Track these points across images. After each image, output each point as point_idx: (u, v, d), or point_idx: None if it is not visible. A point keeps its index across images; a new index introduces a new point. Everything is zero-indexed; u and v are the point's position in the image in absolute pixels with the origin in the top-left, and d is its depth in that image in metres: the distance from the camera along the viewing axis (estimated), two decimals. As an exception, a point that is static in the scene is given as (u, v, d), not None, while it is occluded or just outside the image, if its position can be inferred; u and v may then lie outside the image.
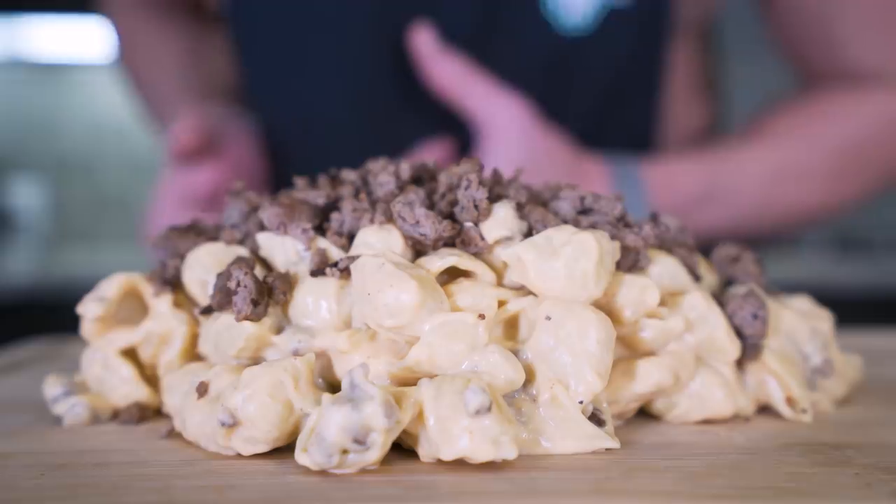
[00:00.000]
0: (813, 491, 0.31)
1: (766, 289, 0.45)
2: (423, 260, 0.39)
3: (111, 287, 0.43)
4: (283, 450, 0.35)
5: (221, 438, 0.35)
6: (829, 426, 0.40)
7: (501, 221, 0.39)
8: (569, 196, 0.42)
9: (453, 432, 0.32)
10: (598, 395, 0.36)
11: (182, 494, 0.31)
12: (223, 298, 0.39)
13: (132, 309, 0.44)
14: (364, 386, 0.32)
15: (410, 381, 0.36)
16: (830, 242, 2.27)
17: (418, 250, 0.40)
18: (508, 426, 0.33)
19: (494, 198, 0.41)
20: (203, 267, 0.42)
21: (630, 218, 0.42)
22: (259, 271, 0.40)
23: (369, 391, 0.32)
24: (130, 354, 0.43)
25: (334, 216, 0.41)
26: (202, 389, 0.37)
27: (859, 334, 0.62)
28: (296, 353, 0.38)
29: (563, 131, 0.74)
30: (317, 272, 0.39)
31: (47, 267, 2.18)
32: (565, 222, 0.41)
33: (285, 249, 0.41)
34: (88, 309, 0.43)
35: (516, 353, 0.37)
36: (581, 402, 0.36)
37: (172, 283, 0.44)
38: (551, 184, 0.45)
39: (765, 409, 0.42)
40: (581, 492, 0.31)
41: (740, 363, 0.42)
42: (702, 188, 0.74)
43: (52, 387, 0.42)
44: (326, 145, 0.79)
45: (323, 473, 0.32)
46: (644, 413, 0.41)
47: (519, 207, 0.40)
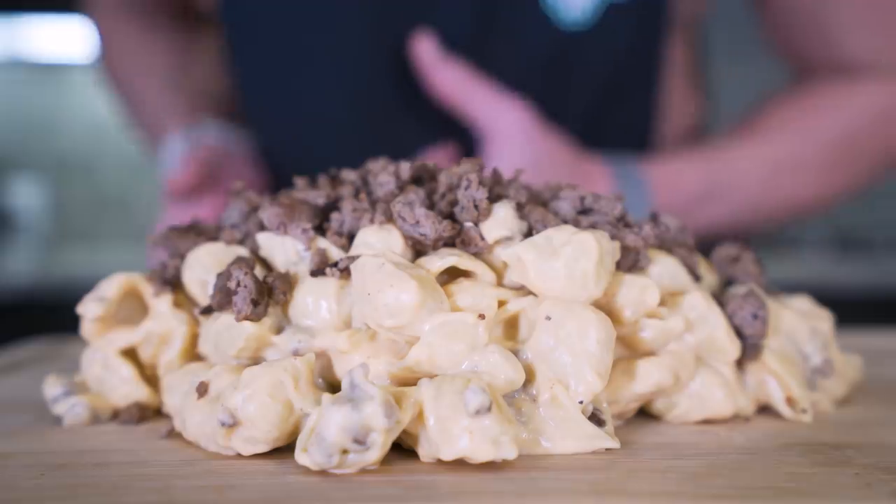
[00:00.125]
0: (813, 491, 0.31)
1: (766, 289, 0.45)
2: (423, 260, 0.39)
3: (111, 287, 0.43)
4: (283, 450, 0.35)
5: (221, 438, 0.35)
6: (829, 426, 0.40)
7: (501, 221, 0.39)
8: (569, 196, 0.42)
9: (453, 432, 0.32)
10: (598, 395, 0.36)
11: (182, 494, 0.31)
12: (223, 298, 0.39)
13: (132, 309, 0.44)
14: (364, 386, 0.32)
15: (410, 381, 0.36)
16: (830, 242, 2.27)
17: (418, 250, 0.40)
18: (508, 426, 0.33)
19: (494, 198, 0.41)
20: (203, 267, 0.42)
21: (630, 218, 0.42)
22: (259, 271, 0.40)
23: (369, 391, 0.32)
24: (130, 354, 0.43)
25: (334, 216, 0.41)
26: (202, 389, 0.37)
27: (859, 334, 0.62)
28: (296, 353, 0.38)
29: (564, 130, 0.74)
30: (317, 272, 0.39)
31: (47, 267, 2.18)
32: (565, 222, 0.41)
33: (285, 249, 0.41)
34: (88, 309, 0.43)
35: (516, 353, 0.37)
36: (581, 402, 0.36)
37: (172, 283, 0.44)
38: (551, 184, 0.45)
39: (765, 409, 0.42)
40: (581, 492, 0.31)
41: (740, 363, 0.42)
42: (702, 186, 0.74)
43: (52, 387, 0.42)
44: (323, 149, 0.79)
45: (323, 473, 0.32)
46: (644, 413, 0.41)
47: (519, 207, 0.40)
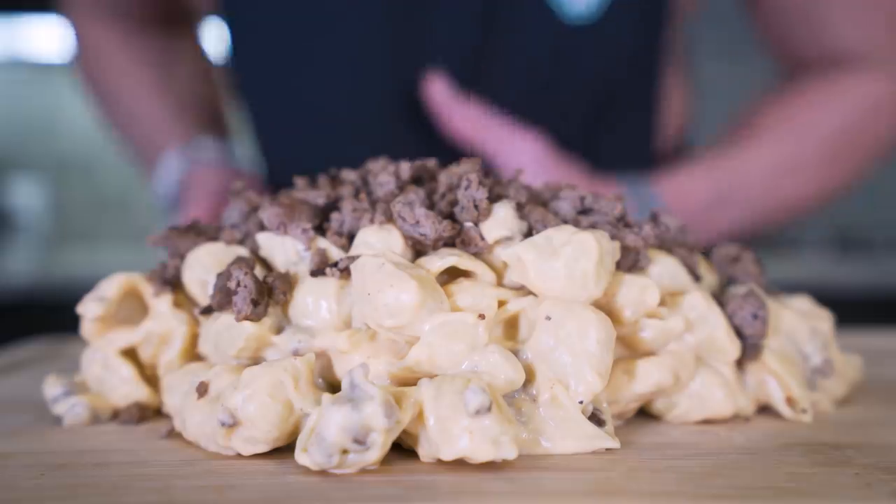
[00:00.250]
0: (813, 491, 0.31)
1: (766, 289, 0.45)
2: (423, 260, 0.39)
3: (111, 287, 0.43)
4: (283, 450, 0.35)
5: (221, 438, 0.35)
6: (829, 426, 0.40)
7: (501, 221, 0.39)
8: (569, 196, 0.42)
9: (453, 432, 0.32)
10: (598, 395, 0.36)
11: (182, 494, 0.31)
12: (223, 298, 0.39)
13: (132, 309, 0.44)
14: (364, 386, 0.32)
15: (410, 381, 0.36)
16: (830, 242, 2.27)
17: (418, 250, 0.40)
18: (508, 426, 0.33)
19: (494, 198, 0.41)
20: (203, 267, 0.42)
21: (630, 218, 0.42)
22: (259, 271, 0.40)
23: (369, 391, 0.32)
24: (130, 354, 0.43)
25: (334, 216, 0.41)
26: (202, 389, 0.37)
27: (859, 334, 0.62)
28: (296, 353, 0.38)
29: (568, 124, 0.75)
30: (317, 272, 0.39)
31: (47, 267, 2.18)
32: (565, 222, 0.41)
33: (285, 249, 0.41)
34: (88, 309, 0.43)
35: (516, 353, 0.37)
36: (581, 402, 0.36)
37: (172, 283, 0.44)
38: (551, 184, 0.45)
39: (765, 409, 0.42)
40: (581, 492, 0.31)
41: (740, 363, 0.42)
42: (712, 195, 0.76)
43: (52, 387, 0.42)
44: (323, 152, 0.79)
45: (323, 473, 0.32)
46: (644, 413, 0.41)
47: (519, 207, 0.40)
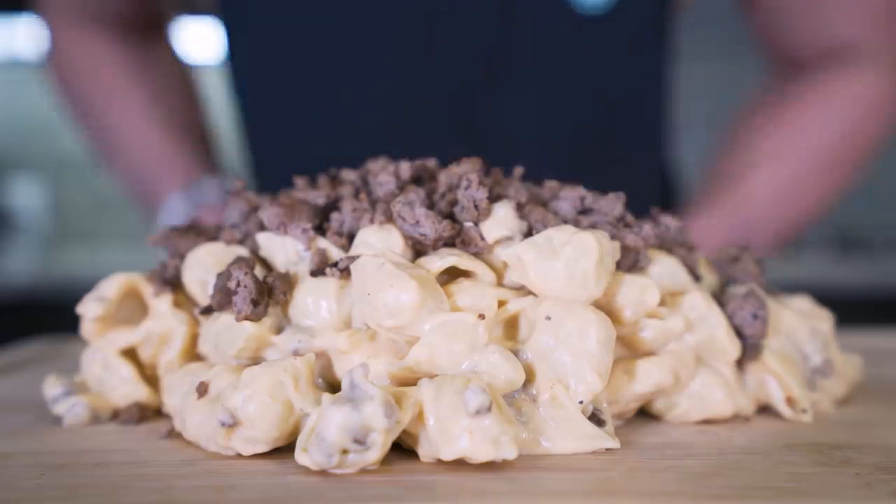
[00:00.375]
0: (813, 491, 0.31)
1: (766, 289, 0.45)
2: (423, 260, 0.39)
3: (111, 287, 0.43)
4: (283, 450, 0.35)
5: (221, 438, 0.35)
6: (829, 426, 0.40)
7: (501, 221, 0.39)
8: (569, 196, 0.42)
9: (453, 432, 0.32)
10: (598, 395, 0.36)
11: (182, 494, 0.31)
12: (223, 298, 0.39)
13: (132, 309, 0.44)
14: (364, 386, 0.32)
15: (410, 381, 0.36)
16: (830, 242, 2.27)
17: (418, 250, 0.40)
18: (508, 426, 0.33)
19: (494, 198, 0.41)
20: (203, 267, 0.42)
21: (630, 218, 0.42)
22: (259, 271, 0.40)
23: (369, 391, 0.32)
24: (130, 354, 0.43)
25: (334, 216, 0.41)
26: (202, 389, 0.37)
27: (859, 334, 0.62)
28: (296, 353, 0.38)
29: (578, 115, 0.74)
30: (317, 272, 0.39)
31: (47, 267, 2.18)
32: (565, 222, 0.41)
33: (285, 249, 0.41)
34: (88, 309, 0.43)
35: (516, 353, 0.37)
36: (581, 402, 0.35)
37: (172, 283, 0.44)
38: (551, 183, 0.45)
39: (765, 409, 0.42)
40: (581, 492, 0.31)
41: (740, 363, 0.42)
42: (728, 233, 0.75)
43: (52, 387, 0.42)
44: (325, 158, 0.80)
45: (323, 473, 0.32)
46: (644, 413, 0.41)
47: (519, 207, 0.40)
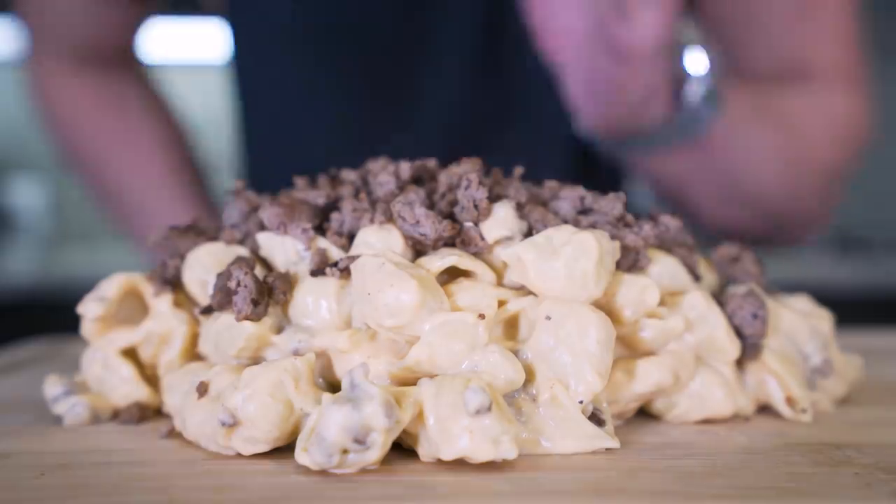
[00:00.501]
0: (813, 491, 0.31)
1: (766, 289, 0.45)
2: (423, 260, 0.39)
3: (111, 287, 0.43)
4: (283, 450, 0.35)
5: (221, 438, 0.35)
6: (829, 426, 0.40)
7: (501, 221, 0.39)
8: (569, 196, 0.42)
9: (453, 432, 0.32)
10: (598, 395, 0.36)
11: (182, 494, 0.31)
12: (223, 298, 0.39)
13: (132, 309, 0.44)
14: (364, 386, 0.32)
15: (410, 381, 0.36)
16: (830, 242, 2.27)
17: (418, 250, 0.40)
18: (508, 426, 0.33)
19: (494, 198, 0.41)
20: (203, 267, 0.42)
21: (630, 218, 0.42)
22: (259, 271, 0.40)
23: (369, 391, 0.32)
24: (130, 354, 0.43)
25: (334, 216, 0.41)
26: (202, 389, 0.37)
27: (859, 334, 0.62)
28: (296, 353, 0.38)
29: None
30: (317, 272, 0.39)
31: (47, 267, 2.17)
32: (565, 222, 0.41)
33: (285, 249, 0.41)
34: (88, 309, 0.43)
35: (516, 353, 0.37)
36: (581, 402, 0.36)
37: (172, 283, 0.44)
38: (551, 184, 0.45)
39: (765, 409, 0.42)
40: (581, 492, 0.31)
41: (740, 363, 0.42)
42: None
43: (53, 387, 0.42)
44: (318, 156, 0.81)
45: (323, 473, 0.32)
46: (644, 413, 0.41)
47: (519, 207, 0.40)
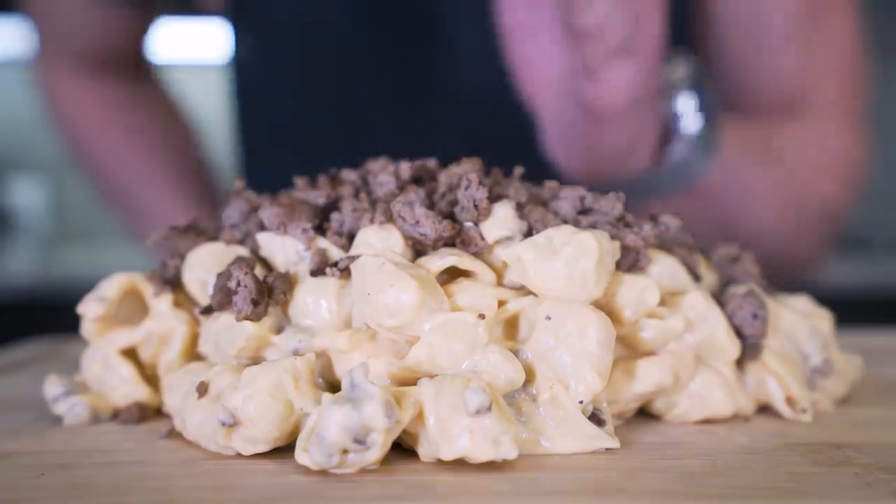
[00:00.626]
0: (813, 491, 0.31)
1: (766, 289, 0.45)
2: (423, 260, 0.39)
3: (111, 287, 0.43)
4: (283, 450, 0.35)
5: (221, 438, 0.35)
6: (829, 426, 0.40)
7: (501, 221, 0.39)
8: (569, 196, 0.42)
9: (453, 432, 0.32)
10: (598, 395, 0.36)
11: (182, 494, 0.31)
12: (223, 298, 0.39)
13: (132, 309, 0.44)
14: (364, 386, 0.32)
15: (410, 381, 0.36)
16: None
17: (418, 250, 0.40)
18: (508, 426, 0.33)
19: (494, 198, 0.41)
20: (203, 267, 0.42)
21: (630, 218, 0.42)
22: (259, 271, 0.40)
23: (369, 391, 0.32)
24: (130, 354, 0.43)
25: (334, 216, 0.41)
26: (202, 389, 0.37)
27: (859, 334, 0.62)
28: (296, 353, 0.38)
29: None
30: (317, 272, 0.39)
31: (47, 267, 2.17)
32: (565, 222, 0.41)
33: (285, 249, 0.41)
34: (88, 309, 0.43)
35: (516, 353, 0.37)
36: (581, 402, 0.36)
37: (172, 283, 0.44)
38: (551, 184, 0.45)
39: (765, 409, 0.42)
40: (581, 492, 0.31)
41: (740, 363, 0.42)
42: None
43: (53, 386, 0.42)
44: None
45: (323, 473, 0.32)
46: (644, 413, 0.41)
47: (519, 207, 0.40)
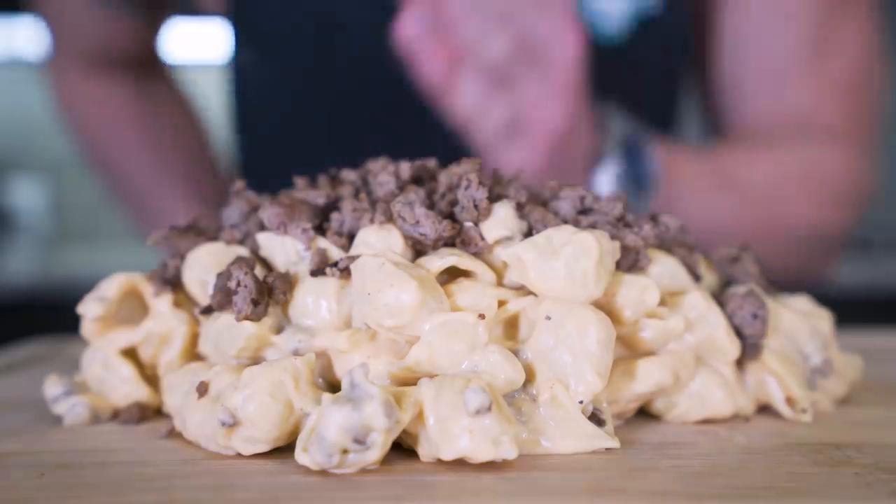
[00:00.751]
0: (813, 491, 0.31)
1: (766, 289, 0.45)
2: (423, 260, 0.39)
3: (111, 287, 0.43)
4: (283, 450, 0.35)
5: (221, 438, 0.35)
6: (829, 426, 0.40)
7: (501, 221, 0.39)
8: (569, 196, 0.42)
9: (453, 432, 0.32)
10: (598, 395, 0.36)
11: (182, 494, 0.31)
12: (223, 298, 0.39)
13: (132, 309, 0.44)
14: (364, 386, 0.32)
15: (410, 381, 0.36)
16: (830, 242, 2.26)
17: (418, 250, 0.40)
18: (508, 426, 0.33)
19: (494, 198, 0.41)
20: (203, 267, 0.42)
21: (630, 218, 0.42)
22: (259, 271, 0.40)
23: (369, 391, 0.32)
24: (130, 354, 0.43)
25: (334, 216, 0.41)
26: (202, 389, 0.37)
27: (859, 334, 0.62)
28: (296, 353, 0.38)
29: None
30: (317, 272, 0.39)
31: (47, 267, 2.18)
32: (565, 222, 0.41)
33: (285, 249, 0.41)
34: (89, 309, 0.43)
35: (516, 353, 0.37)
36: (581, 402, 0.36)
37: (172, 283, 0.44)
38: (551, 183, 0.45)
39: (765, 409, 0.42)
40: (581, 492, 0.31)
41: (740, 363, 0.42)
42: (710, 175, 0.74)
43: (53, 386, 0.42)
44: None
45: (323, 473, 0.32)
46: (644, 413, 0.41)
47: (519, 207, 0.40)
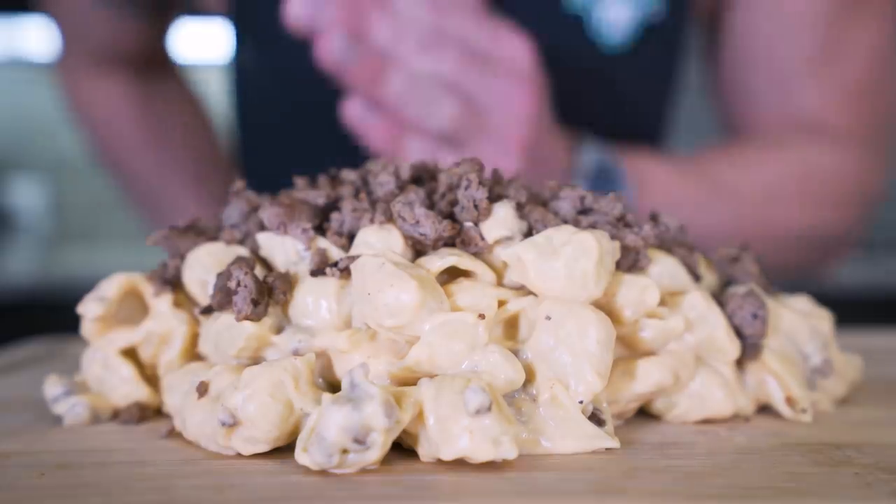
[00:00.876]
0: (813, 491, 0.31)
1: (766, 289, 0.45)
2: (423, 260, 0.39)
3: (111, 287, 0.43)
4: (283, 450, 0.35)
5: (221, 438, 0.35)
6: (829, 426, 0.40)
7: (501, 221, 0.39)
8: (569, 196, 0.42)
9: (453, 432, 0.32)
10: (598, 395, 0.36)
11: (182, 494, 0.31)
12: (223, 298, 0.39)
13: (132, 309, 0.44)
14: (364, 386, 0.32)
15: (410, 381, 0.36)
16: (830, 242, 2.26)
17: (418, 250, 0.40)
18: (508, 426, 0.33)
19: (494, 198, 0.41)
20: (203, 267, 0.42)
21: (630, 218, 0.42)
22: (259, 271, 0.40)
23: (369, 391, 0.32)
24: (131, 354, 0.43)
25: (334, 216, 0.41)
26: (202, 389, 0.37)
27: (859, 334, 0.62)
28: (296, 353, 0.38)
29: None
30: (317, 272, 0.39)
31: (47, 267, 2.18)
32: (565, 222, 0.41)
33: (285, 249, 0.41)
34: (88, 309, 0.43)
35: (516, 353, 0.37)
36: (581, 402, 0.36)
37: (172, 283, 0.44)
38: (550, 184, 0.45)
39: (765, 409, 0.42)
40: (581, 492, 0.31)
41: (740, 363, 0.42)
42: (694, 188, 0.75)
43: (53, 386, 0.42)
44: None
45: (323, 473, 0.32)
46: (644, 413, 0.41)
47: (519, 207, 0.40)
